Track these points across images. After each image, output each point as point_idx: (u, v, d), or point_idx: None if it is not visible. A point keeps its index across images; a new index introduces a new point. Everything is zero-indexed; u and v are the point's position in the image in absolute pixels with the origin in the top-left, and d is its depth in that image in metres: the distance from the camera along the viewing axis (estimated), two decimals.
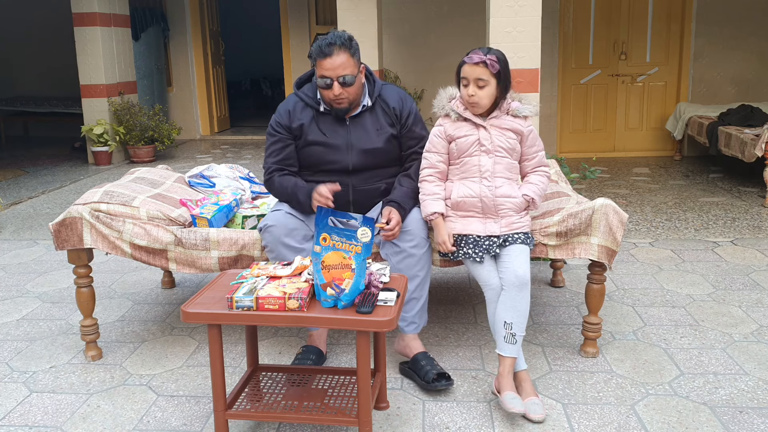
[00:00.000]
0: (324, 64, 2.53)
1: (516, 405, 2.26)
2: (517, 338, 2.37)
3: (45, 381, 2.66)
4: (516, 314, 2.37)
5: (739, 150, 5.50)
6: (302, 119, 2.68)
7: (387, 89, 2.76)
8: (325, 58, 2.52)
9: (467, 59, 2.43)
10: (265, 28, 12.79)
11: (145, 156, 7.73)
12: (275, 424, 2.30)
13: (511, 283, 2.38)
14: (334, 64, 2.51)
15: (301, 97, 2.71)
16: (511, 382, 2.35)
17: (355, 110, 2.69)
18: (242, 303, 2.00)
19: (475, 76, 2.41)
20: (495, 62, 2.39)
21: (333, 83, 2.54)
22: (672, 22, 7.36)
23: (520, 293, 2.37)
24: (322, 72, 2.55)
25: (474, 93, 2.42)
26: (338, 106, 2.62)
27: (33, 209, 5.62)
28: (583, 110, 7.66)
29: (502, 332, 2.38)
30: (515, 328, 2.37)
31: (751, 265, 3.82)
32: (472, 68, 2.41)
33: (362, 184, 2.70)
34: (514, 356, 2.38)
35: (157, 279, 3.80)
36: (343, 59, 2.52)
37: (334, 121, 2.69)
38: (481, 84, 2.41)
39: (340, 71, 2.52)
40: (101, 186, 2.87)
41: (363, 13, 5.89)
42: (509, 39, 4.23)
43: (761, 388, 2.48)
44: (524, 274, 2.38)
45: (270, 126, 2.73)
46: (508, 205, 2.48)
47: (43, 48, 10.13)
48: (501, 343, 2.39)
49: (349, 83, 2.55)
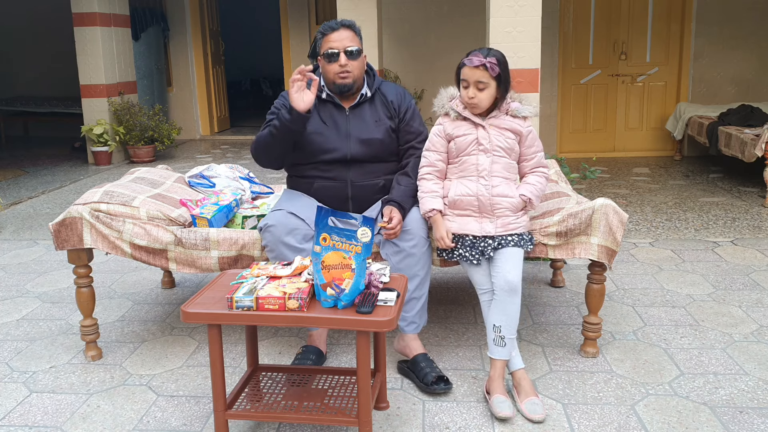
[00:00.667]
0: (332, 37, 2.66)
1: (504, 409, 2.27)
2: (506, 341, 2.39)
3: (45, 381, 2.66)
4: (505, 317, 2.39)
5: (739, 150, 5.50)
6: None
7: (386, 85, 2.84)
8: (333, 32, 2.66)
9: (467, 62, 2.43)
10: (265, 27, 12.80)
11: (145, 156, 7.73)
12: (275, 424, 2.31)
13: (501, 288, 2.39)
14: (341, 37, 2.65)
15: None
16: (501, 385, 2.37)
17: (355, 98, 2.74)
18: (242, 303, 2.00)
19: (475, 79, 2.41)
20: (495, 65, 2.39)
21: (340, 54, 2.64)
22: (672, 22, 7.36)
23: (509, 298, 2.38)
24: (329, 45, 2.65)
25: (474, 95, 2.43)
26: (342, 81, 2.67)
27: (33, 209, 5.62)
28: (583, 110, 7.66)
29: (491, 335, 2.41)
30: (504, 330, 2.39)
31: (751, 265, 3.82)
32: (472, 71, 2.41)
33: (361, 179, 2.72)
34: (504, 359, 2.40)
35: (157, 279, 3.80)
36: (350, 34, 2.67)
37: (334, 110, 2.74)
38: (481, 86, 2.41)
39: (347, 43, 2.65)
40: (101, 186, 2.87)
41: (363, 13, 5.90)
42: (509, 39, 4.23)
43: (761, 388, 2.48)
44: (514, 280, 2.38)
45: (273, 105, 2.77)
46: (505, 204, 2.47)
47: (43, 48, 10.13)
48: (491, 345, 2.42)
49: (355, 55, 2.65)
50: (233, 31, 12.86)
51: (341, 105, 2.74)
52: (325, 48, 2.66)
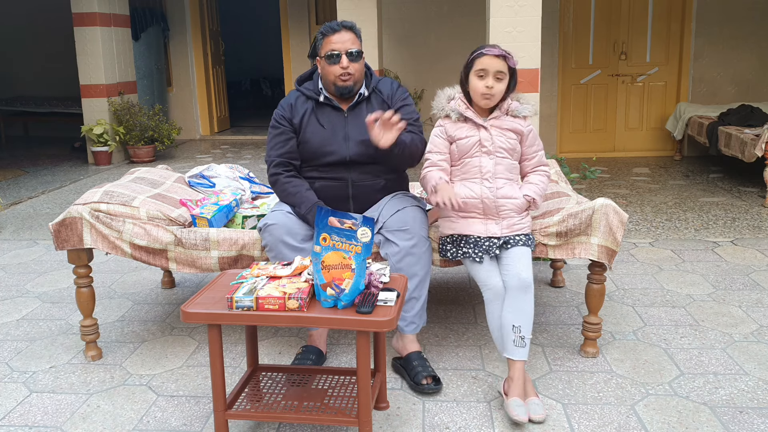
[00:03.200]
0: (333, 38, 2.65)
1: (520, 413, 2.24)
2: (526, 341, 2.36)
3: (45, 381, 2.66)
4: (523, 317, 2.36)
5: (739, 150, 5.50)
6: (302, 111, 2.74)
7: (382, 82, 2.84)
8: (334, 33, 2.65)
9: (486, 51, 2.41)
10: (265, 28, 12.80)
11: (145, 156, 7.73)
12: (275, 424, 2.30)
13: (515, 287, 2.37)
14: (343, 38, 2.64)
15: (302, 92, 2.78)
16: (520, 387, 2.33)
17: (353, 99, 2.74)
18: (242, 303, 2.00)
19: (495, 69, 2.40)
20: (512, 58, 2.42)
21: (342, 56, 2.63)
22: (672, 22, 7.36)
23: (524, 296, 2.36)
24: (331, 46, 2.64)
25: (492, 85, 2.41)
26: (343, 83, 2.67)
27: (33, 209, 5.62)
28: (583, 110, 7.66)
29: (511, 336, 2.36)
30: (524, 330, 2.35)
31: (751, 265, 3.82)
32: (492, 60, 2.40)
33: (361, 179, 2.72)
34: (524, 359, 2.36)
35: (157, 279, 3.80)
36: (351, 36, 2.67)
37: (332, 113, 2.74)
38: (500, 76, 2.41)
39: (349, 45, 2.65)
40: (101, 186, 2.87)
41: (363, 13, 5.90)
42: (509, 39, 4.23)
43: (761, 388, 2.48)
44: (527, 277, 2.37)
45: (273, 119, 2.78)
46: (509, 206, 2.47)
47: (43, 48, 10.13)
48: (510, 347, 2.37)
49: (356, 57, 2.65)
50: (233, 31, 12.86)
51: (339, 107, 2.74)
52: (326, 49, 2.66)
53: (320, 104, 2.75)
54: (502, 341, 2.40)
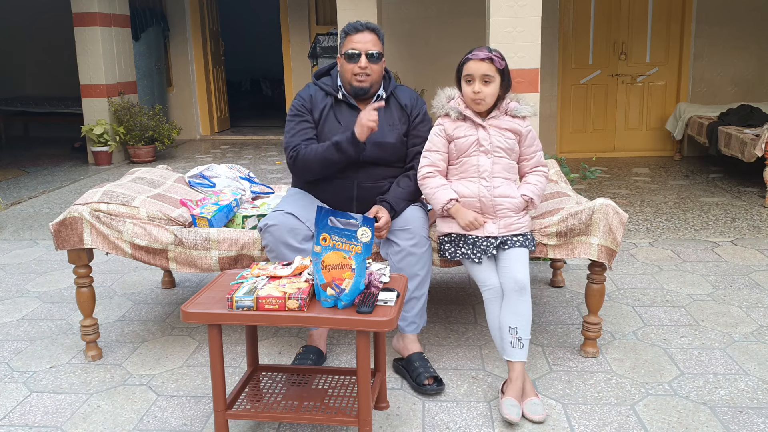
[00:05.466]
0: (355, 38, 2.68)
1: (512, 413, 2.25)
2: (523, 342, 2.36)
3: (45, 381, 2.66)
4: (519, 318, 2.36)
5: (739, 150, 5.50)
6: (321, 106, 2.75)
7: (400, 88, 2.85)
8: (357, 33, 2.68)
9: (472, 56, 2.43)
10: (265, 28, 12.80)
11: (145, 156, 7.74)
12: (275, 424, 2.31)
13: (511, 289, 2.37)
14: (365, 39, 2.68)
15: (321, 86, 2.79)
16: (518, 388, 2.33)
17: (370, 101, 2.74)
18: (242, 303, 2.00)
19: (481, 73, 2.40)
20: (500, 58, 2.41)
21: (361, 56, 2.65)
22: (672, 22, 7.36)
23: (520, 298, 2.37)
24: (352, 45, 2.67)
25: (480, 90, 2.42)
26: (359, 84, 2.68)
27: (33, 209, 5.62)
28: (583, 110, 7.66)
29: (508, 338, 2.36)
30: (521, 332, 2.36)
31: (751, 265, 3.82)
32: (477, 64, 2.41)
33: (368, 181, 2.72)
34: (522, 360, 2.36)
35: (157, 279, 3.80)
36: (373, 38, 2.70)
37: (348, 111, 2.74)
38: (486, 80, 2.41)
39: (370, 46, 2.67)
40: (101, 186, 2.87)
41: (363, 13, 5.89)
42: (509, 39, 4.23)
43: (761, 388, 2.48)
44: (523, 279, 2.37)
45: (293, 108, 2.77)
46: (507, 205, 2.47)
47: (43, 48, 10.13)
48: (508, 348, 2.37)
49: (376, 59, 2.67)
50: (233, 31, 12.87)
51: (356, 106, 2.74)
52: (347, 47, 2.68)
53: (338, 101, 2.76)
54: (501, 342, 2.41)
